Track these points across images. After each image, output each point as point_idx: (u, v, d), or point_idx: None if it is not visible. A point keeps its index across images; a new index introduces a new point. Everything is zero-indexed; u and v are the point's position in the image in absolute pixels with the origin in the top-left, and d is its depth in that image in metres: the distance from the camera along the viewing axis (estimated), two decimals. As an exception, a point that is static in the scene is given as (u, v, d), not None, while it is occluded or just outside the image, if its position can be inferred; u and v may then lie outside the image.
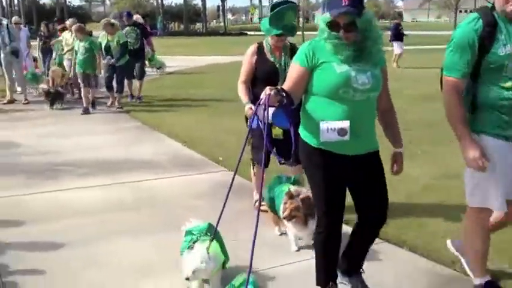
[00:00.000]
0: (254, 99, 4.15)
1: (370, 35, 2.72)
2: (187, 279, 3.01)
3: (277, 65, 4.33)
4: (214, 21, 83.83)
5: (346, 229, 3.32)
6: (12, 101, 10.94)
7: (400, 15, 35.25)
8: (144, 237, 4.19)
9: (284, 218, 3.72)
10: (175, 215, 4.65)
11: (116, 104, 10.35)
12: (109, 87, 10.36)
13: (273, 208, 4.04)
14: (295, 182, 4.10)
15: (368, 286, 3.21)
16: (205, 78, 15.12)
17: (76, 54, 9.92)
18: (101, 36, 10.15)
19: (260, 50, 4.40)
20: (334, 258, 3.11)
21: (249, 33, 53.09)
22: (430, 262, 3.69)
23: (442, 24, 44.47)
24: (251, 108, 3.99)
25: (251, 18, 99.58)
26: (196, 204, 4.97)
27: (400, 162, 3.01)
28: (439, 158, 6.28)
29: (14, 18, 13.00)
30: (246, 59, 4.41)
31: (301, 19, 36.88)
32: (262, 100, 2.57)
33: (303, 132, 2.94)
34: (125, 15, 11.30)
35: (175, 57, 20.32)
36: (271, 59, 4.35)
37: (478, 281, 3.18)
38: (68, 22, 11.65)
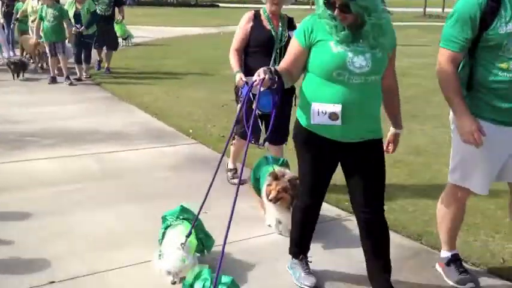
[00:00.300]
0: (246, 70, 4.06)
1: (370, 20, 2.48)
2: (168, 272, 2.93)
3: (273, 33, 4.13)
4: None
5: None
6: None
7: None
8: (109, 208, 4.14)
9: (270, 200, 3.50)
10: (141, 186, 4.62)
11: (84, 74, 10.04)
12: (78, 61, 9.96)
13: (257, 189, 3.86)
14: (283, 164, 3.91)
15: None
16: (173, 50, 14.88)
17: (42, 21, 9.32)
18: (69, 3, 9.79)
19: (257, 17, 4.21)
20: (309, 233, 3.10)
21: (220, 5, 52.40)
22: (397, 235, 3.73)
23: (413, 2, 44.42)
24: (242, 79, 3.90)
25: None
26: (165, 176, 4.94)
27: (396, 143, 2.96)
28: (411, 135, 6.35)
29: None
30: (241, 25, 4.22)
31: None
32: (256, 82, 2.45)
33: (298, 110, 2.83)
34: None
35: (143, 28, 19.88)
36: (269, 27, 4.15)
37: (444, 254, 3.23)
38: None
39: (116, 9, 11.00)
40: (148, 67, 11.49)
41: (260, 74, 2.46)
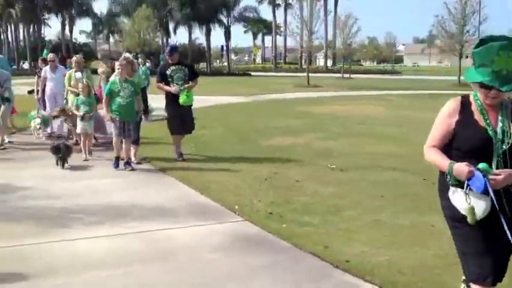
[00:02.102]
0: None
1: None
2: None
3: (490, 133, 2.91)
4: (218, 60, 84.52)
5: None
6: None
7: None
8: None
9: None
10: (191, 270, 4.35)
11: (134, 158, 8.65)
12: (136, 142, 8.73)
13: None
14: None
15: None
16: (209, 119, 14.92)
17: (112, 95, 8.03)
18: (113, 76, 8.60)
19: (466, 107, 3.03)
20: None
21: (252, 73, 53.45)
22: None
23: (446, 69, 45.01)
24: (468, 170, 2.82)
25: (254, 59, 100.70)
26: (214, 258, 4.66)
27: None
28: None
29: (50, 56, 11.67)
30: (442, 117, 3.10)
31: None
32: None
33: None
34: (168, 50, 9.19)
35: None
36: (482, 124, 2.95)
37: None
38: (76, 58, 10.76)
39: None
40: (186, 137, 11.43)
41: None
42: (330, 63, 72.51)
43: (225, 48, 66.72)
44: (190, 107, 8.99)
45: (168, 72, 8.80)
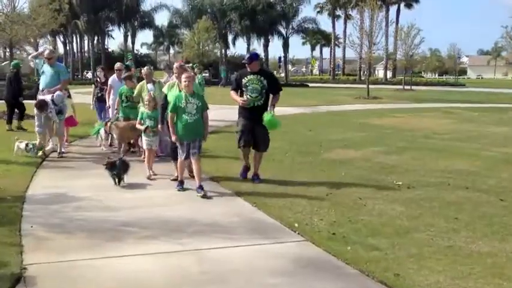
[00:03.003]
0: None
1: None
2: None
3: None
4: (275, 71, 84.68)
5: None
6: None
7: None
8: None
9: None
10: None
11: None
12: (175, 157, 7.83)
13: None
14: None
15: None
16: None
17: (178, 112, 7.16)
18: (168, 86, 7.99)
19: None
20: None
21: (310, 84, 53.04)
22: None
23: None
24: None
25: (311, 70, 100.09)
26: (273, 284, 4.28)
27: None
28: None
29: (117, 65, 11.58)
30: None
31: None
32: None
33: None
34: (248, 58, 8.15)
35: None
36: None
37: None
38: (145, 70, 10.05)
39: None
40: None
41: None
42: (389, 74, 70.95)
43: (282, 59, 66.47)
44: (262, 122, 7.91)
45: (244, 81, 7.90)
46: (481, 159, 10.41)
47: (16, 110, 14.07)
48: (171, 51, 74.68)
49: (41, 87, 10.51)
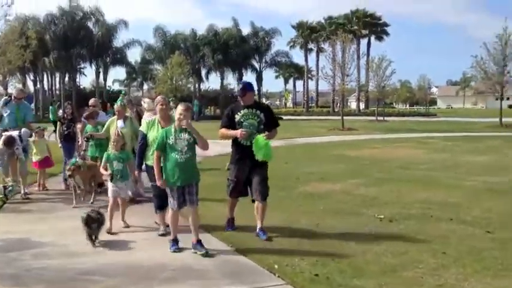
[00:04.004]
0: None
1: None
2: None
3: None
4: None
5: None
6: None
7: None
8: None
9: None
10: None
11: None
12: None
13: None
14: None
15: None
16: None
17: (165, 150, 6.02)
18: (147, 124, 6.98)
19: None
20: None
21: (284, 117, 53.14)
22: None
23: (482, 111, 43.75)
24: None
25: (285, 103, 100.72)
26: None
27: None
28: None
29: (91, 101, 10.97)
30: None
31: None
32: None
33: None
34: (241, 88, 6.99)
35: (211, 141, 19.60)
36: None
37: None
38: (117, 105, 8.85)
39: None
40: (221, 184, 10.70)
41: None
42: (362, 106, 71.71)
43: (256, 92, 66.82)
44: (265, 165, 6.76)
45: (238, 117, 6.71)
46: (460, 189, 10.18)
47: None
48: (145, 86, 74.16)
49: (2, 127, 10.02)
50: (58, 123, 11.20)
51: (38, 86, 59.80)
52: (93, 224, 6.20)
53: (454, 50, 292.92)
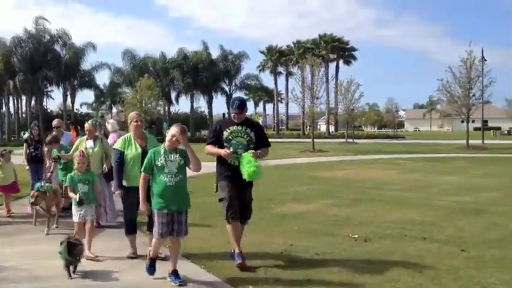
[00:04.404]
0: None
1: None
2: None
3: None
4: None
5: None
6: None
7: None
8: None
9: None
10: None
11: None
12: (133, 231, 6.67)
13: None
14: None
15: None
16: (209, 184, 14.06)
17: (153, 173, 5.59)
18: (123, 142, 6.54)
19: None
20: None
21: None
22: None
23: (448, 133, 44.69)
24: None
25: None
26: None
27: None
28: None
29: (54, 122, 10.70)
30: None
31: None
32: None
33: None
34: (236, 105, 6.25)
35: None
36: None
37: None
38: (87, 124, 8.60)
39: None
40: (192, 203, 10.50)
41: None
42: (332, 128, 72.44)
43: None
44: (251, 185, 6.47)
45: (226, 133, 6.20)
46: (433, 208, 10.21)
47: None
48: (114, 110, 73.41)
49: None
50: (25, 144, 10.80)
51: (4, 109, 58.55)
52: (75, 252, 5.59)
53: (420, 74, 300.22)
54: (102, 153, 8.26)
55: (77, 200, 6.56)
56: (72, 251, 5.57)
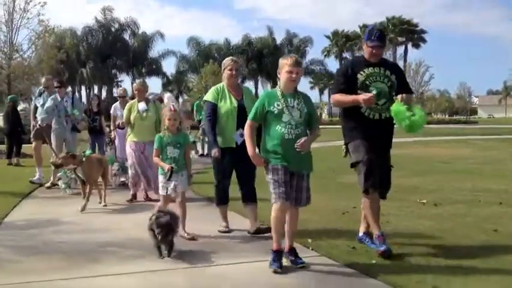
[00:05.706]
0: None
1: None
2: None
3: None
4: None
5: None
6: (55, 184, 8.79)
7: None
8: None
9: None
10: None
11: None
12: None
13: None
14: None
15: None
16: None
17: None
18: (215, 93, 5.51)
19: None
20: None
21: (320, 127, 52.54)
22: None
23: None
24: None
25: (321, 114, 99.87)
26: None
27: None
28: None
29: (120, 90, 10.81)
30: None
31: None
32: None
33: None
34: (377, 36, 4.79)
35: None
36: None
37: None
38: (136, 84, 7.86)
39: None
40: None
41: None
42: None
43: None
44: (390, 147, 5.30)
45: (361, 77, 4.75)
46: (508, 179, 9.52)
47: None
48: (180, 99, 74.72)
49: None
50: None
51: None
52: (169, 233, 4.52)
53: (493, 59, 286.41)
54: (156, 117, 7.30)
55: (166, 171, 5.16)
56: (166, 233, 4.47)
